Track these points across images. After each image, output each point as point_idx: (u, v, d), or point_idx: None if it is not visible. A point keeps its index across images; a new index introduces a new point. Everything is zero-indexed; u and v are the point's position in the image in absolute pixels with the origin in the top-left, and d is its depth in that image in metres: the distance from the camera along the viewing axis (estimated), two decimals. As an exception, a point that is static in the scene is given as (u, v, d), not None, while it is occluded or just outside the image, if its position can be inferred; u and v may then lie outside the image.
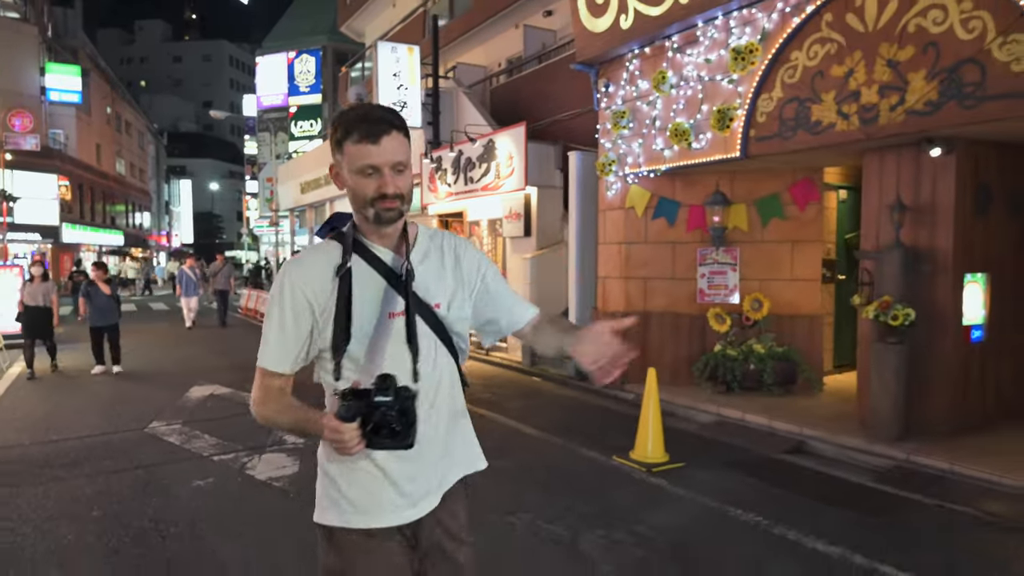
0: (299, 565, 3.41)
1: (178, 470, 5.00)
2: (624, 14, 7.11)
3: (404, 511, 1.53)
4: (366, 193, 1.48)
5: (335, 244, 1.56)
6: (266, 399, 1.53)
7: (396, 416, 1.34)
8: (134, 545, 3.71)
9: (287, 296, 1.52)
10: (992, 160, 5.42)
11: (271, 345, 1.53)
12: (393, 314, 1.52)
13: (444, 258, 1.62)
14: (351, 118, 1.49)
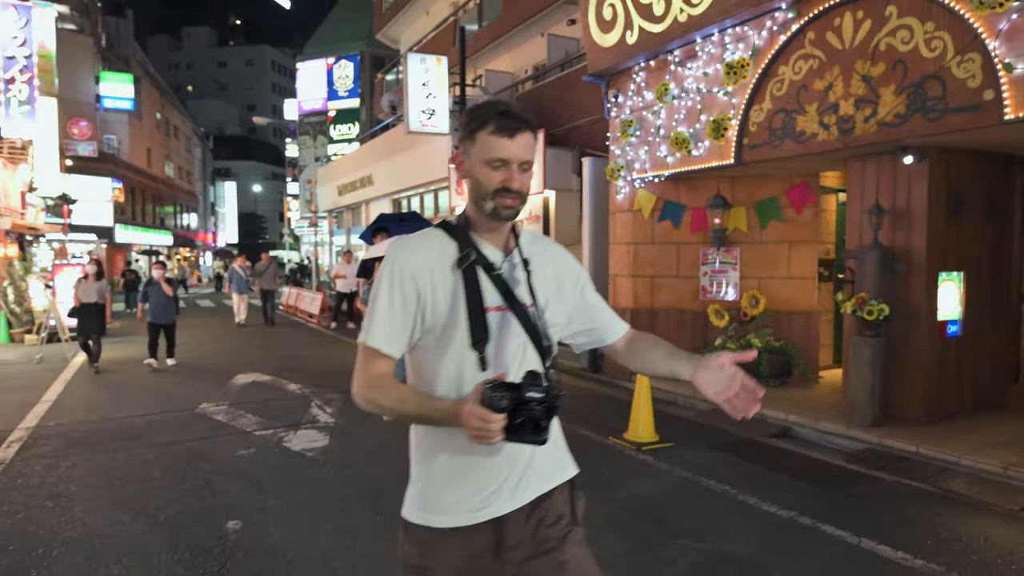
0: (325, 517, 4.07)
1: (224, 442, 5.73)
2: (630, 30, 7.65)
3: (481, 511, 1.54)
4: (490, 184, 1.49)
5: (442, 234, 1.58)
6: (377, 383, 1.52)
7: (543, 412, 1.34)
8: (188, 496, 4.42)
9: (396, 280, 1.52)
10: (964, 167, 5.81)
11: (381, 326, 1.52)
12: (497, 308, 1.53)
13: (544, 261, 1.63)
14: (489, 110, 1.51)
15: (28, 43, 13.93)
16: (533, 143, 1.53)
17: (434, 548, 1.54)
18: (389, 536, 3.24)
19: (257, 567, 3.44)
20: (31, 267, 14.98)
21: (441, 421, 1.45)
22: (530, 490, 1.58)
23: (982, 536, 3.80)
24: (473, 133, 1.51)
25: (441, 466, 1.55)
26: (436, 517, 1.54)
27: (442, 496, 1.54)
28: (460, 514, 1.53)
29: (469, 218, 1.58)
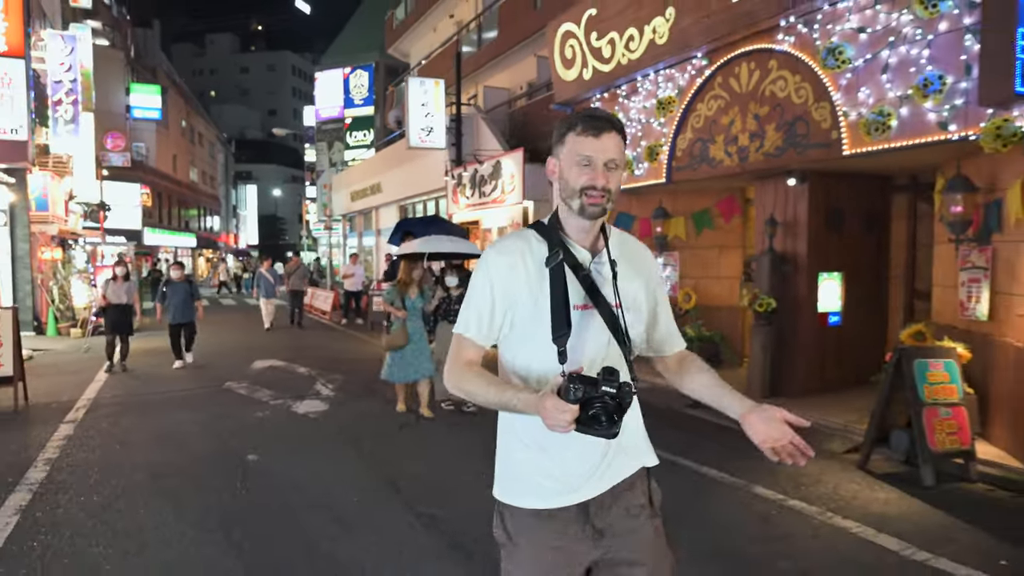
0: (319, 456, 5.53)
1: (245, 408, 7.21)
2: (586, 68, 9.04)
3: (567, 495, 1.60)
4: (577, 182, 1.56)
5: (534, 234, 1.66)
6: (467, 370, 1.61)
7: (615, 407, 1.39)
8: (218, 441, 5.90)
9: (492, 274, 1.62)
10: (843, 188, 7.11)
11: (475, 318, 1.63)
12: (584, 307, 1.60)
13: (631, 263, 1.69)
14: (577, 114, 1.60)
15: (73, 68, 15.61)
16: (621, 144, 1.58)
17: (523, 527, 1.62)
18: (366, 469, 4.71)
19: (267, 483, 4.89)
20: (72, 269, 16.67)
21: (520, 408, 1.49)
22: (612, 478, 1.64)
23: (816, 471, 5.08)
24: (563, 136, 1.60)
25: (534, 452, 1.62)
26: (526, 497, 1.62)
27: (531, 479, 1.62)
28: (548, 496, 1.60)
29: (560, 218, 1.65)
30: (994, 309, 5.29)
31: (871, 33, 5.67)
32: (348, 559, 3.61)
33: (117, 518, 4.19)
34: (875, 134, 5.62)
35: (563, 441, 1.51)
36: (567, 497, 1.60)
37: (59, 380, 8.89)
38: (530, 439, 1.61)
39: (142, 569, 3.53)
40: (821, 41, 6.05)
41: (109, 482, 4.85)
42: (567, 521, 1.60)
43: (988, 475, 4.82)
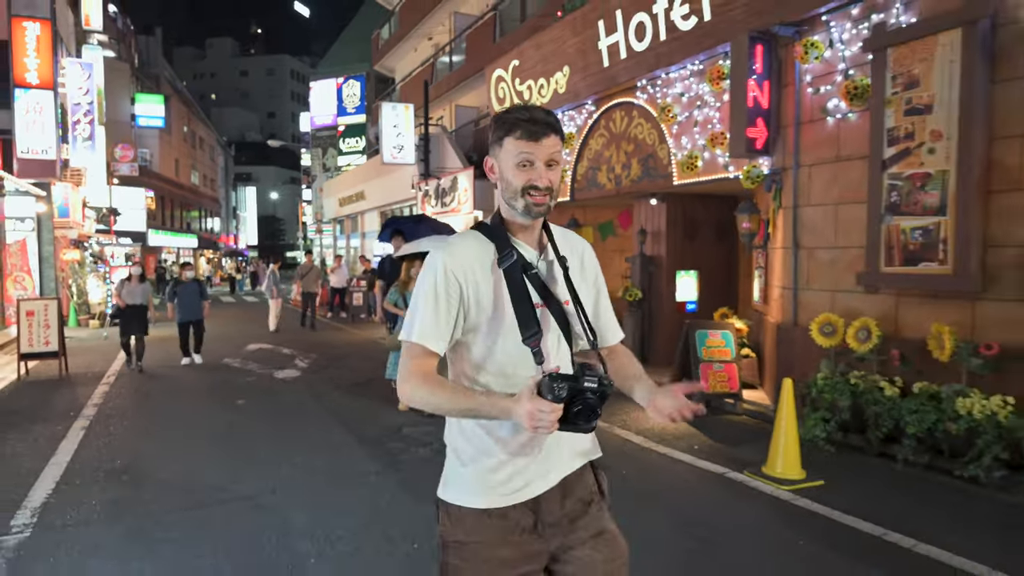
0: (290, 404, 7.69)
1: (238, 375, 9.38)
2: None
3: (515, 493, 1.60)
4: (519, 183, 1.56)
5: (479, 235, 1.65)
6: (425, 381, 1.56)
7: (597, 400, 1.41)
8: (216, 395, 8.06)
9: (440, 278, 1.57)
10: (697, 205, 9.25)
11: (427, 323, 1.58)
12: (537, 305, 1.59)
13: (572, 257, 1.69)
14: (515, 118, 1.57)
15: (90, 92, 17.78)
16: (558, 144, 1.58)
17: (475, 527, 1.61)
18: (325, 415, 6.86)
19: (254, 422, 7.06)
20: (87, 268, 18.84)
21: (492, 414, 1.49)
22: (560, 471, 1.65)
23: (643, 413, 7.24)
24: (501, 139, 1.59)
25: (477, 452, 1.62)
26: (475, 499, 1.61)
27: (482, 480, 1.61)
28: (497, 496, 1.60)
29: (504, 218, 1.65)
30: (764, 296, 7.46)
31: (688, 97, 7.83)
32: (298, 441, 5.78)
33: (147, 428, 6.38)
34: (688, 171, 7.79)
35: (509, 440, 1.57)
36: (516, 495, 1.60)
37: (89, 358, 11.07)
38: (477, 440, 1.61)
39: (164, 453, 5.70)
40: (660, 100, 8.21)
41: (140, 413, 7.06)
42: (518, 519, 1.61)
43: (749, 410, 6.97)
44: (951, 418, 4.87)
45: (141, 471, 5.22)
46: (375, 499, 4.54)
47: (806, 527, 4.03)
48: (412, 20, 23.29)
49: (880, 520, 4.06)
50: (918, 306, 5.46)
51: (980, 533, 3.91)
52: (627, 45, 8.32)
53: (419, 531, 3.93)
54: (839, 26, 6.02)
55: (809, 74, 6.34)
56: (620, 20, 8.35)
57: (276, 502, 4.50)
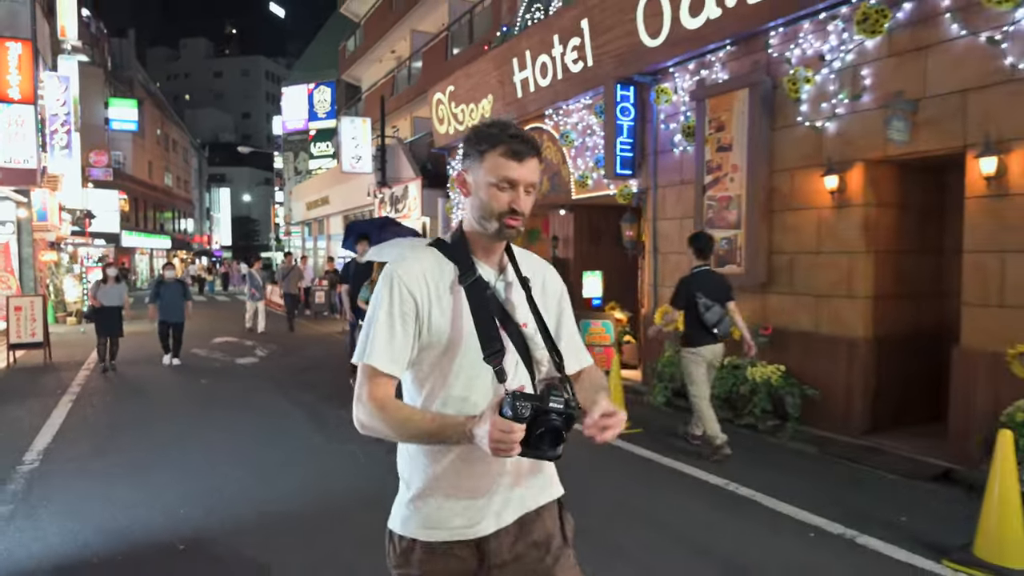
0: (250, 386, 9.11)
1: (205, 362, 10.77)
2: (451, 125, 12.71)
3: (466, 529, 1.54)
4: (498, 206, 1.49)
5: (437, 252, 1.57)
6: (382, 407, 1.47)
7: (563, 423, 1.33)
8: (184, 377, 9.45)
9: (396, 296, 1.51)
10: (600, 215, 10.81)
11: (381, 345, 1.49)
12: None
13: (534, 280, 1.63)
14: (499, 132, 1.50)
15: (67, 103, 18.94)
16: (538, 167, 1.54)
17: (420, 560, 1.55)
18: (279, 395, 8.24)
19: (214, 396, 8.48)
20: (63, 269, 19.99)
21: (450, 438, 1.42)
22: (515, 510, 1.58)
23: None
24: (483, 153, 1.51)
25: (430, 483, 1.54)
26: (423, 531, 1.55)
27: (430, 512, 1.54)
28: (446, 531, 1.54)
29: (466, 236, 1.58)
30: (641, 294, 9.04)
31: (582, 126, 9.39)
32: (248, 406, 7.23)
33: (124, 400, 7.79)
34: (582, 188, 9.35)
35: (472, 472, 1.51)
36: (464, 532, 1.54)
37: (70, 349, 12.36)
38: (436, 471, 1.53)
39: (138, 417, 7.11)
40: (562, 127, 9.76)
41: (117, 390, 8.46)
42: (464, 557, 1.55)
43: (626, 386, 8.52)
44: (742, 382, 6.46)
45: (119, 427, 6.64)
46: (301, 443, 6.02)
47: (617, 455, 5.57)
48: (376, 34, 24.71)
49: (687, 458, 5.63)
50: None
51: (751, 466, 5.46)
52: (535, 80, 9.86)
53: (320, 460, 5.42)
54: (681, 77, 7.61)
55: (662, 113, 7.92)
56: (529, 59, 9.88)
57: (226, 446, 5.95)
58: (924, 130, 5.28)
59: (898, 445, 5.56)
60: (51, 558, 3.67)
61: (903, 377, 5.91)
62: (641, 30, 7.67)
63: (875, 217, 5.87)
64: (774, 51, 6.48)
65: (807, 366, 6.22)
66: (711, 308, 5.48)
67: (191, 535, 3.97)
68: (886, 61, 5.55)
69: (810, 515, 4.19)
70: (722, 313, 5.53)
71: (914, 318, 6.03)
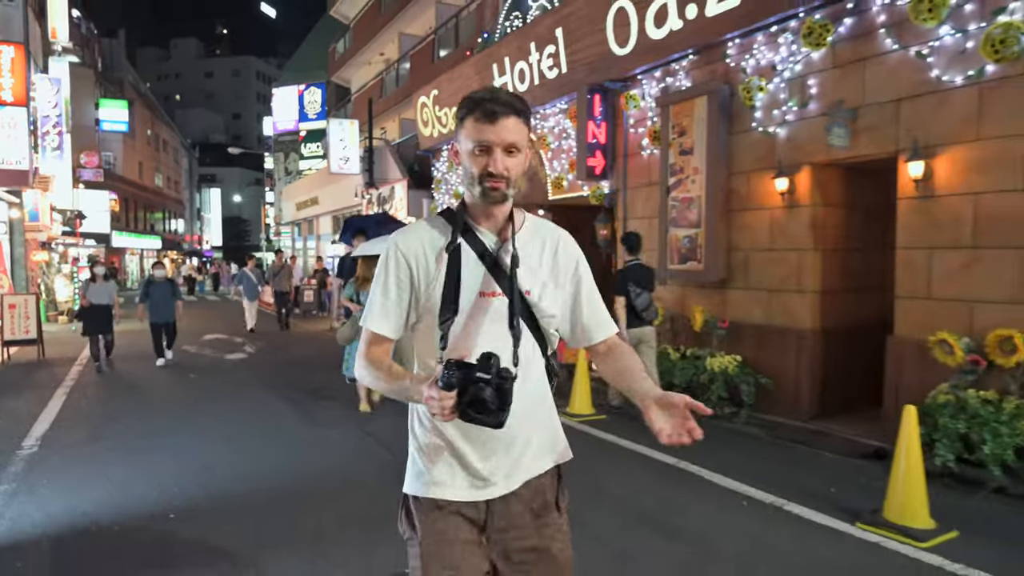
0: (238, 382, 9.46)
1: (196, 359, 11.10)
2: (434, 128, 13.09)
3: (474, 490, 1.57)
4: (475, 170, 1.51)
5: (442, 221, 1.62)
6: (372, 361, 1.59)
7: (492, 394, 1.35)
8: (174, 372, 9.78)
9: (392, 265, 1.59)
10: (576, 215, 11.16)
11: (377, 309, 1.60)
12: (485, 293, 1.55)
13: (544, 249, 1.65)
14: (476, 98, 1.52)
15: (59, 105, 19.20)
16: (521, 126, 1.51)
17: (424, 520, 1.59)
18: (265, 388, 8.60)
19: (203, 389, 8.83)
20: (54, 269, 20.23)
21: (411, 398, 1.50)
22: (524, 474, 1.61)
23: None
24: (461, 120, 1.53)
25: (436, 445, 1.59)
26: (431, 488, 1.59)
27: (438, 471, 1.58)
28: (455, 490, 1.58)
29: (467, 204, 1.62)
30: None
31: (558, 130, 9.79)
32: (234, 398, 7.59)
33: (116, 392, 8.14)
34: (557, 189, 9.75)
35: (469, 434, 1.53)
36: (473, 492, 1.58)
37: (62, 347, 12.66)
38: (436, 433, 1.58)
39: (130, 407, 7.46)
40: (539, 131, 10.16)
41: (109, 383, 8.80)
42: (471, 517, 1.59)
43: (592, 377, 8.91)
44: (702, 372, 6.88)
45: (113, 416, 6.99)
46: (285, 430, 6.39)
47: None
48: (365, 37, 25.04)
49: (650, 443, 6.04)
50: (693, 293, 7.47)
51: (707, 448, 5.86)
52: (513, 85, 10.25)
53: (301, 445, 5.80)
54: (648, 84, 8.02)
55: (631, 118, 8.33)
56: (508, 65, 10.28)
57: (215, 432, 6.31)
58: (863, 136, 5.70)
59: (841, 428, 5.98)
60: (52, 527, 4.03)
61: (848, 366, 6.34)
62: (611, 39, 8.08)
63: (822, 217, 6.29)
64: (731, 61, 6.89)
65: (761, 356, 6.64)
66: (640, 295, 6.30)
67: (181, 506, 4.35)
68: (830, 72, 5.98)
69: (748, 487, 4.60)
70: (649, 300, 6.39)
71: (858, 311, 6.46)
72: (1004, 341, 4.60)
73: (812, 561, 3.56)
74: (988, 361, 4.73)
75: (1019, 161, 4.74)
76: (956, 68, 5.04)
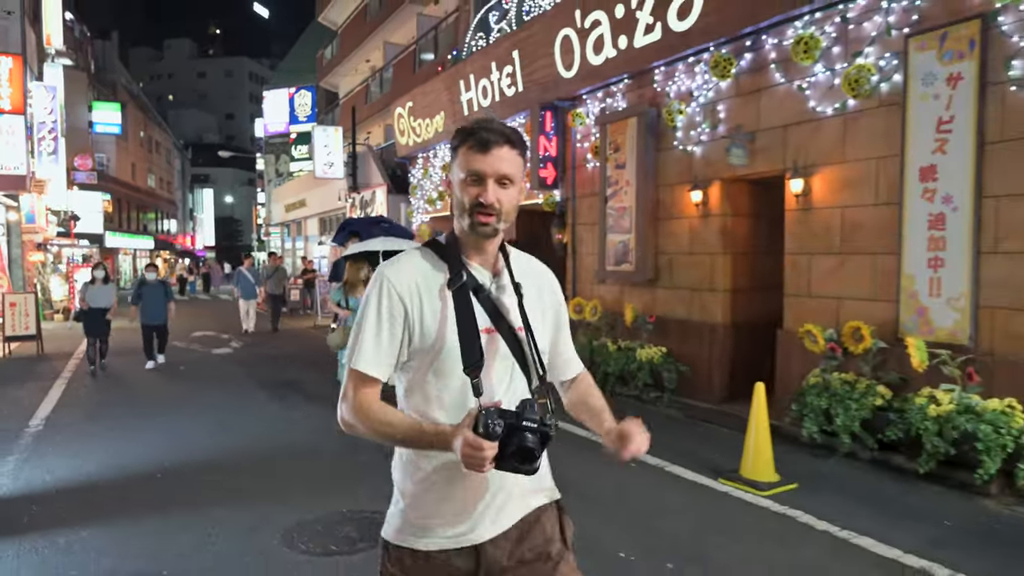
0: (225, 373, 10.32)
1: (185, 353, 11.95)
2: (410, 137, 13.96)
3: (462, 537, 1.51)
4: (466, 200, 1.47)
5: (430, 253, 1.55)
6: (363, 408, 1.47)
7: (536, 442, 1.32)
8: (166, 365, 10.62)
9: (384, 299, 1.49)
10: (538, 221, 12.09)
11: (368, 348, 1.49)
12: (483, 330, 1.49)
13: (531, 285, 1.61)
14: (469, 127, 1.50)
15: (54, 111, 19.98)
16: (513, 157, 1.48)
17: (414, 570, 1.52)
18: (248, 377, 9.47)
19: (192, 378, 9.68)
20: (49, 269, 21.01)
21: (431, 445, 1.41)
22: (511, 515, 1.55)
23: None
24: (455, 150, 1.51)
25: (423, 490, 1.52)
26: (417, 540, 1.52)
27: (424, 519, 1.52)
28: (441, 539, 1.51)
29: (458, 237, 1.56)
30: (566, 291, 10.33)
31: (518, 142, 10.65)
32: (219, 386, 8.44)
33: (112, 382, 8.99)
34: (516, 197, 10.63)
35: (466, 478, 1.46)
36: (461, 539, 1.51)
37: (59, 343, 13.48)
38: (430, 477, 1.51)
39: (125, 394, 8.31)
40: (502, 143, 11.02)
41: (105, 375, 9.64)
42: (462, 566, 1.52)
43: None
44: (632, 362, 7.77)
45: (109, 402, 7.85)
46: (261, 411, 7.26)
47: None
48: (351, 44, 25.88)
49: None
50: (628, 291, 8.37)
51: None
52: (477, 101, 11.13)
53: (273, 423, 6.68)
54: (592, 104, 8.92)
55: (578, 134, 9.23)
56: (473, 82, 11.16)
57: (201, 413, 7.17)
58: (759, 156, 6.61)
59: (743, 409, 6.80)
60: (60, 484, 4.90)
61: (753, 355, 7.23)
62: (559, 63, 8.97)
63: (731, 225, 7.20)
64: (658, 86, 7.79)
65: (683, 348, 7.54)
66: None
67: (168, 468, 5.23)
68: (734, 99, 6.89)
69: (646, 455, 5.49)
70: None
71: (762, 307, 7.35)
72: (855, 331, 5.50)
73: (663, 504, 4.47)
74: (843, 348, 5.64)
75: (874, 180, 5.65)
76: (827, 101, 5.95)
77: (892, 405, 5.21)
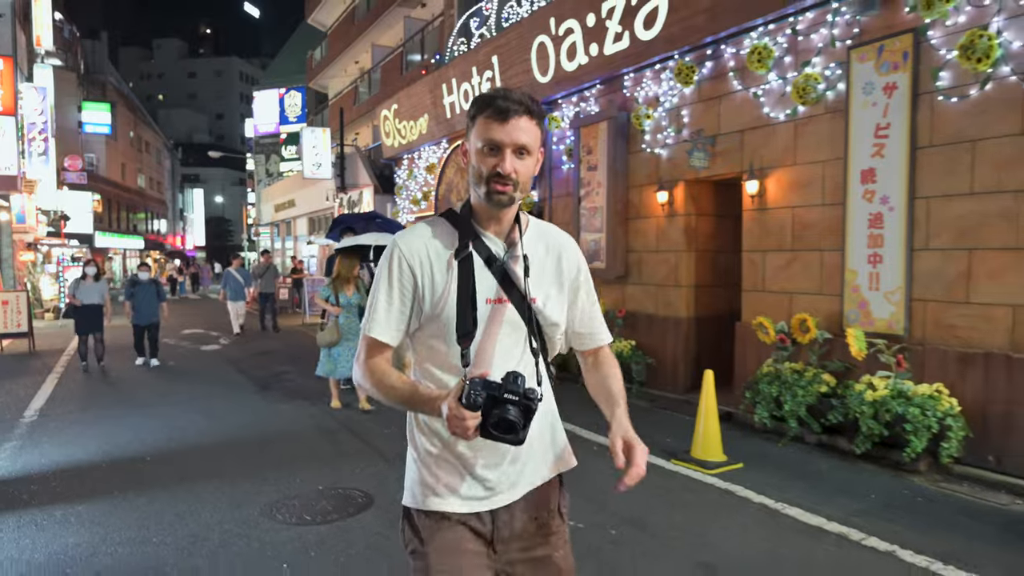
0: (213, 366, 10.62)
1: (175, 348, 12.23)
2: (395, 138, 14.29)
3: (479, 501, 1.55)
4: (483, 170, 1.47)
5: (445, 223, 1.58)
6: (371, 371, 1.54)
7: (518, 414, 1.34)
8: (160, 360, 10.92)
9: (395, 268, 1.53)
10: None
11: (379, 315, 1.54)
12: (492, 300, 1.51)
13: (548, 254, 1.61)
14: (488, 95, 1.49)
15: (45, 112, 20.19)
16: (532, 128, 1.47)
17: (430, 532, 1.55)
18: (236, 374, 9.83)
19: (181, 372, 9.98)
20: (39, 269, 21.21)
21: (424, 410, 1.46)
22: (526, 485, 1.60)
23: None
24: (472, 118, 1.50)
25: (440, 455, 1.56)
26: (436, 500, 1.55)
27: (440, 483, 1.55)
28: (458, 502, 1.55)
29: (473, 207, 1.57)
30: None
31: (498, 144, 11.01)
32: (206, 378, 8.75)
33: (103, 376, 9.28)
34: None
35: (473, 445, 1.50)
36: (478, 503, 1.55)
37: (50, 340, 13.75)
38: (439, 442, 1.56)
39: (116, 388, 8.61)
40: (483, 145, 11.38)
41: (96, 371, 9.93)
42: (478, 530, 1.56)
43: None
44: (603, 355, 8.13)
45: (101, 394, 8.15)
46: (246, 402, 7.59)
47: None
48: (340, 46, 26.17)
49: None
50: (600, 288, 8.72)
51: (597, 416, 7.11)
52: (460, 104, 11.48)
53: (257, 412, 7.01)
54: (567, 108, 9.28)
55: (555, 137, 9.59)
56: (455, 86, 11.50)
57: (189, 403, 7.49)
58: (720, 159, 6.99)
59: (706, 398, 7.26)
60: (55, 466, 5.21)
61: (715, 347, 7.62)
62: (535, 68, 9.33)
63: (694, 224, 7.58)
64: (628, 92, 8.17)
65: (650, 341, 7.91)
66: None
67: (156, 453, 5.55)
68: (697, 105, 7.27)
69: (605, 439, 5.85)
70: None
71: (724, 302, 7.74)
72: (801, 323, 5.89)
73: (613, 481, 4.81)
74: (792, 339, 6.02)
75: (821, 182, 6.03)
76: (779, 107, 6.34)
77: (836, 392, 5.60)
